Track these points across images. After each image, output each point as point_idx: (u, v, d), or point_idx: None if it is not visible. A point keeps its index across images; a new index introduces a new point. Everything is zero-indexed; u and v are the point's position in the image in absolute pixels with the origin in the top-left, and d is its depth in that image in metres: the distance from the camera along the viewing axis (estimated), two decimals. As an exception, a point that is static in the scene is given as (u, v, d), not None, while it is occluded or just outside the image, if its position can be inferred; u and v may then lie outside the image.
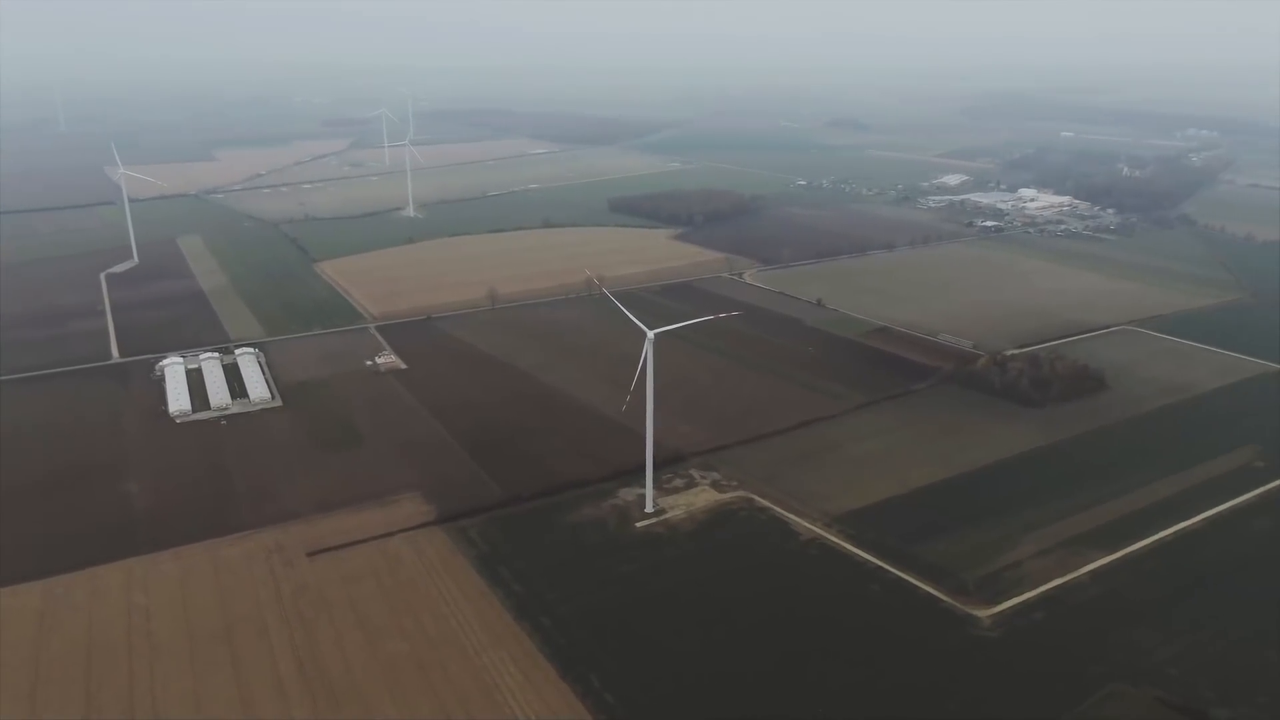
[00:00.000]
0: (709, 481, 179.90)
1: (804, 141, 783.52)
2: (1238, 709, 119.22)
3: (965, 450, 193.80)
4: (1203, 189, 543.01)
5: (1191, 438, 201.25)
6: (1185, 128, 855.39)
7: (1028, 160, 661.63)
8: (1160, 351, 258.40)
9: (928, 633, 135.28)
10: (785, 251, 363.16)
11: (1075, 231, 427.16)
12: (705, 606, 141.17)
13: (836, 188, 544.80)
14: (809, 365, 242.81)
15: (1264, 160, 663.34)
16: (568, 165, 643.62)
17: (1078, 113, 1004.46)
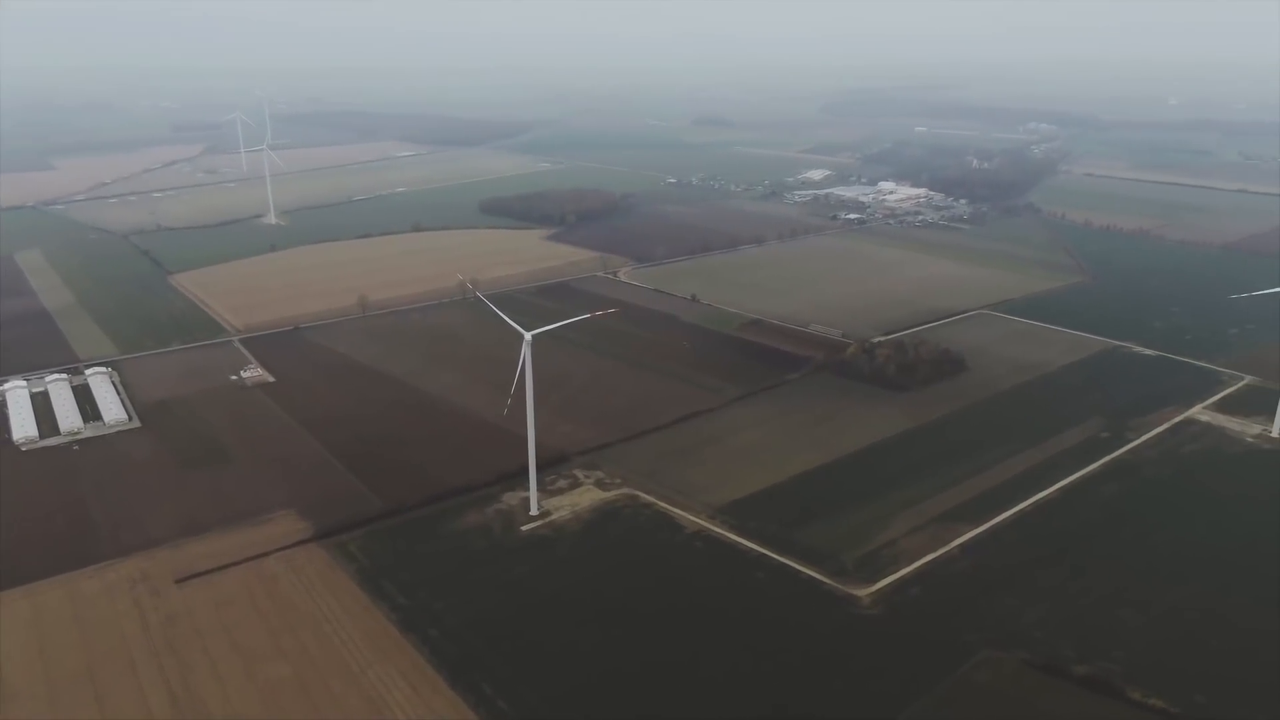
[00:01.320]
0: (593, 480, 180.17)
1: (672, 139, 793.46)
2: (1096, 664, 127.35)
3: (839, 436, 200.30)
4: (1044, 179, 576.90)
5: (1045, 413, 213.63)
6: (1026, 122, 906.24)
7: (885, 154, 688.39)
8: (1014, 333, 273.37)
9: (811, 615, 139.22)
10: (659, 249, 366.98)
11: (932, 222, 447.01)
12: (595, 605, 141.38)
13: (706, 184, 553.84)
14: (686, 360, 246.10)
15: (1096, 151, 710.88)
16: (436, 167, 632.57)
17: (929, 108, 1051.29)
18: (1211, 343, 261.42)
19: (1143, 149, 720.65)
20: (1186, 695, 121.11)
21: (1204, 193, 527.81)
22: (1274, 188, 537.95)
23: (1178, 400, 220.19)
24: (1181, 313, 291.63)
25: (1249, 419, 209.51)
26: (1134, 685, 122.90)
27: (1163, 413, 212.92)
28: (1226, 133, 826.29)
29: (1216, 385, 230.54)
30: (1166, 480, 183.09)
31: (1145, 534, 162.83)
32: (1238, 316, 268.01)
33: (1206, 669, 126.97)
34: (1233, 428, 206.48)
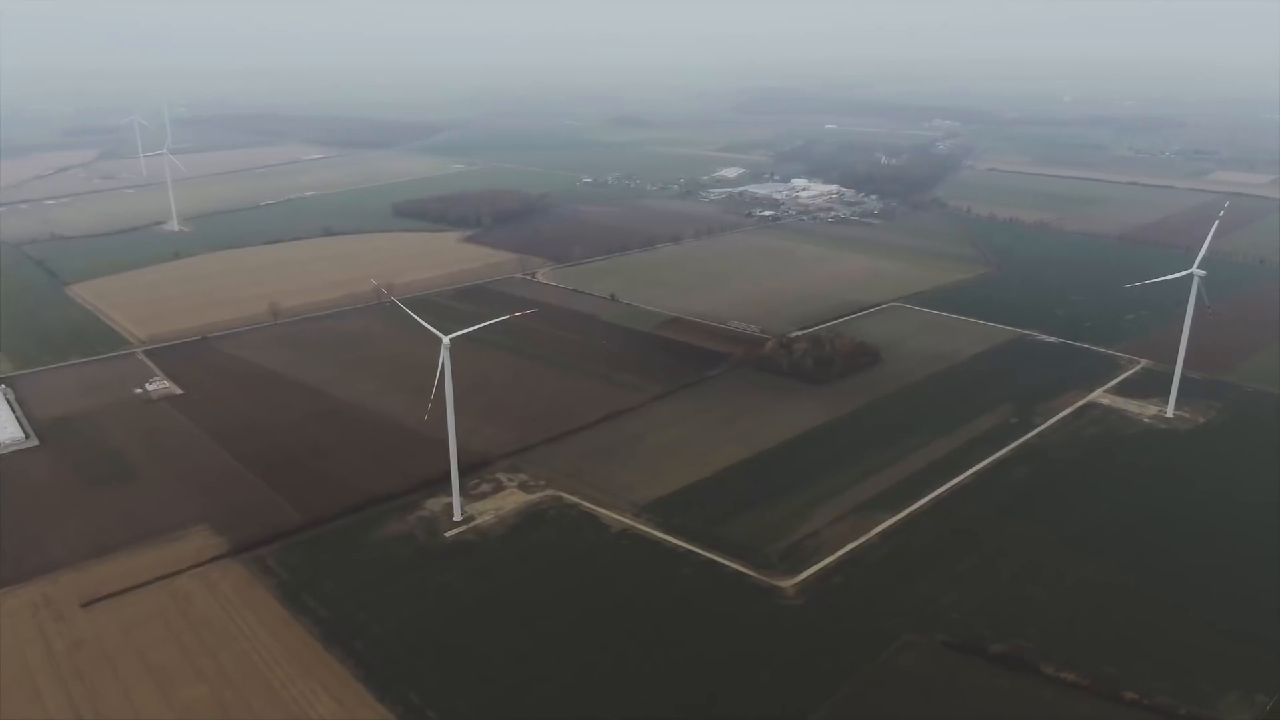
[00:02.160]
0: (516, 483, 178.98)
1: (586, 139, 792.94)
2: (1011, 642, 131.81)
3: (760, 430, 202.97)
4: (950, 174, 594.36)
5: (957, 401, 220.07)
6: (931, 119, 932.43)
7: (797, 152, 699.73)
8: (925, 324, 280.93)
9: (737, 608, 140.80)
10: (576, 249, 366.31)
11: (844, 217, 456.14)
12: (523, 609, 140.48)
13: (622, 184, 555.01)
14: (607, 359, 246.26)
15: (998, 147, 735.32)
16: (347, 170, 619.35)
17: (839, 106, 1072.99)
18: (1110, 329, 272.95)
19: (1041, 144, 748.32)
20: (1096, 667, 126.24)
21: (1099, 185, 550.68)
22: (1162, 180, 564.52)
23: (1080, 385, 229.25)
24: (1081, 301, 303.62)
25: (1146, 401, 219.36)
26: (1047, 660, 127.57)
27: (1066, 397, 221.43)
28: (1118, 128, 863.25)
29: (1115, 370, 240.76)
30: (1071, 462, 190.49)
31: (1053, 514, 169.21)
32: (1133, 303, 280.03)
33: (1114, 640, 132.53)
34: (1131, 410, 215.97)
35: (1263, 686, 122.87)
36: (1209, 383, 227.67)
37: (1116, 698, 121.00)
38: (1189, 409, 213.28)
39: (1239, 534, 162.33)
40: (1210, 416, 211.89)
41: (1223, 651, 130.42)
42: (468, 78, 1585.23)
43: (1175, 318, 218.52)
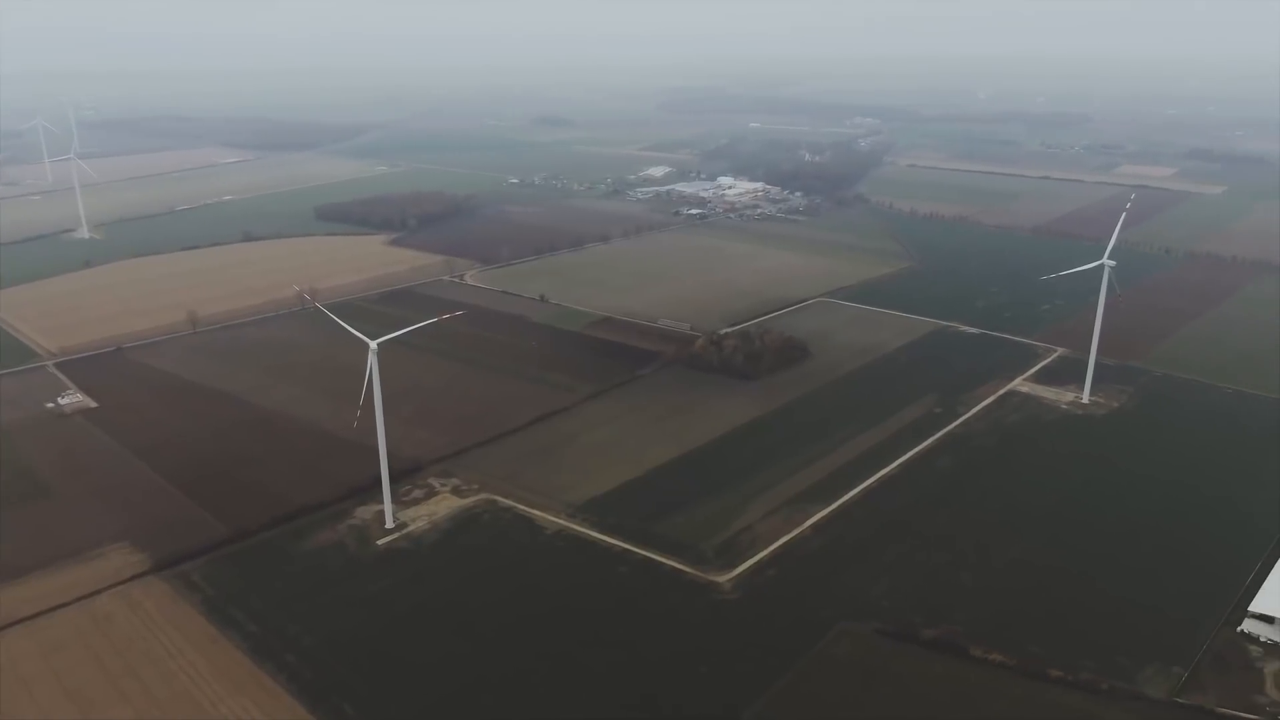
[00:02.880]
0: (449, 488, 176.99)
1: (512, 139, 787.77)
2: (942, 627, 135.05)
3: (693, 427, 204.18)
4: (872, 170, 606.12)
5: (884, 393, 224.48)
6: (852, 116, 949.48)
7: (723, 150, 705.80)
8: (851, 318, 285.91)
9: (675, 605, 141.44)
10: (504, 250, 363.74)
11: (770, 215, 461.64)
12: (458, 615, 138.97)
13: (549, 184, 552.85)
14: (539, 360, 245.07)
15: (917, 143, 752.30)
16: (266, 173, 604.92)
17: (762, 105, 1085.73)
18: (1027, 319, 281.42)
19: (958, 140, 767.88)
20: (1023, 647, 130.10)
21: (1013, 180, 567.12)
22: (1073, 174, 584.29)
23: (1001, 374, 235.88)
24: (1000, 292, 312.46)
25: (1063, 388, 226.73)
26: (976, 643, 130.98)
27: (988, 386, 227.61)
28: (1030, 124, 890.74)
29: (1033, 358, 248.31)
30: (995, 449, 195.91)
31: (979, 500, 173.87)
32: (1049, 294, 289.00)
33: (1039, 620, 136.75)
34: (1049, 396, 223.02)
35: (1178, 658, 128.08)
36: (1121, 368, 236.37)
37: (1043, 676, 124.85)
38: (1104, 394, 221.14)
39: (1154, 512, 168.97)
40: (1123, 401, 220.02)
41: (1141, 626, 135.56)
42: (385, 79, 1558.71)
43: (1089, 307, 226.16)
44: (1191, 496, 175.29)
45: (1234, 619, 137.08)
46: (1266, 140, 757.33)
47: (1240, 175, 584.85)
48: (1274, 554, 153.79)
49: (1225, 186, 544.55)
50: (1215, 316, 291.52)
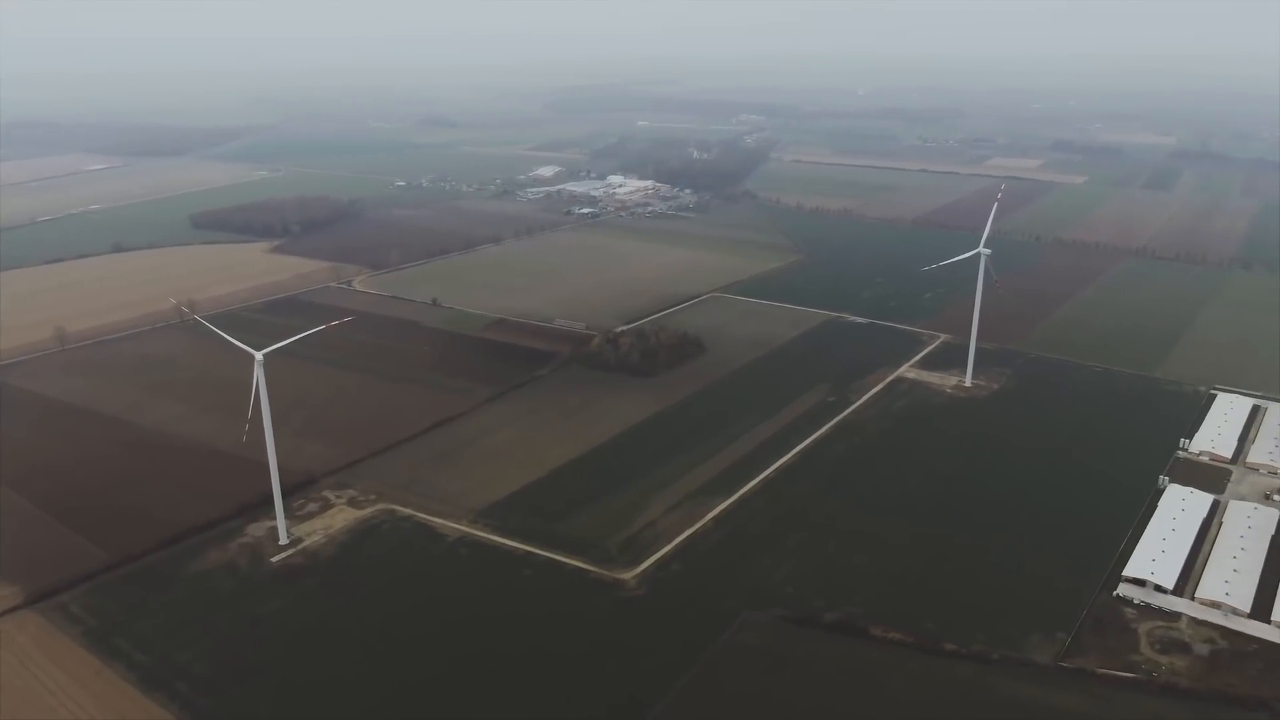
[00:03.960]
0: (345, 499, 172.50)
1: (397, 141, 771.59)
2: (843, 610, 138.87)
3: (592, 426, 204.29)
4: (759, 166, 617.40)
5: (779, 384, 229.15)
6: (738, 114, 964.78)
7: (612, 149, 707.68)
8: (744, 312, 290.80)
9: (581, 605, 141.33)
10: (393, 254, 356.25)
11: (661, 212, 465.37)
12: (360, 630, 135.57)
13: (437, 186, 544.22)
14: (434, 365, 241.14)
15: (801, 139, 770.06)
16: (136, 180, 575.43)
17: (650, 103, 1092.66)
18: (911, 308, 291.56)
19: (840, 135, 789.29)
20: (919, 624, 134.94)
21: (894, 174, 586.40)
22: (948, 167, 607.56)
23: (888, 362, 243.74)
24: (885, 283, 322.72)
25: (947, 373, 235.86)
26: (875, 623, 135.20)
27: (877, 374, 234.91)
28: (906, 119, 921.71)
29: (918, 345, 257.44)
30: (885, 434, 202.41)
31: (873, 485, 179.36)
32: (930, 283, 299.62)
33: (933, 597, 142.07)
34: (934, 381, 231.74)
35: (1062, 625, 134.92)
36: (1000, 352, 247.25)
37: (939, 650, 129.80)
38: (984, 377, 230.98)
39: (1035, 486, 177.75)
40: (1003, 383, 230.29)
41: (1026, 596, 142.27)
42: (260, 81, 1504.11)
43: (968, 294, 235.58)
44: (1069, 469, 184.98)
45: (1111, 584, 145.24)
46: (1122, 132, 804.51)
47: (1100, 166, 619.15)
48: (1144, 519, 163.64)
49: (1087, 176, 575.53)
50: (1082, 299, 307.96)
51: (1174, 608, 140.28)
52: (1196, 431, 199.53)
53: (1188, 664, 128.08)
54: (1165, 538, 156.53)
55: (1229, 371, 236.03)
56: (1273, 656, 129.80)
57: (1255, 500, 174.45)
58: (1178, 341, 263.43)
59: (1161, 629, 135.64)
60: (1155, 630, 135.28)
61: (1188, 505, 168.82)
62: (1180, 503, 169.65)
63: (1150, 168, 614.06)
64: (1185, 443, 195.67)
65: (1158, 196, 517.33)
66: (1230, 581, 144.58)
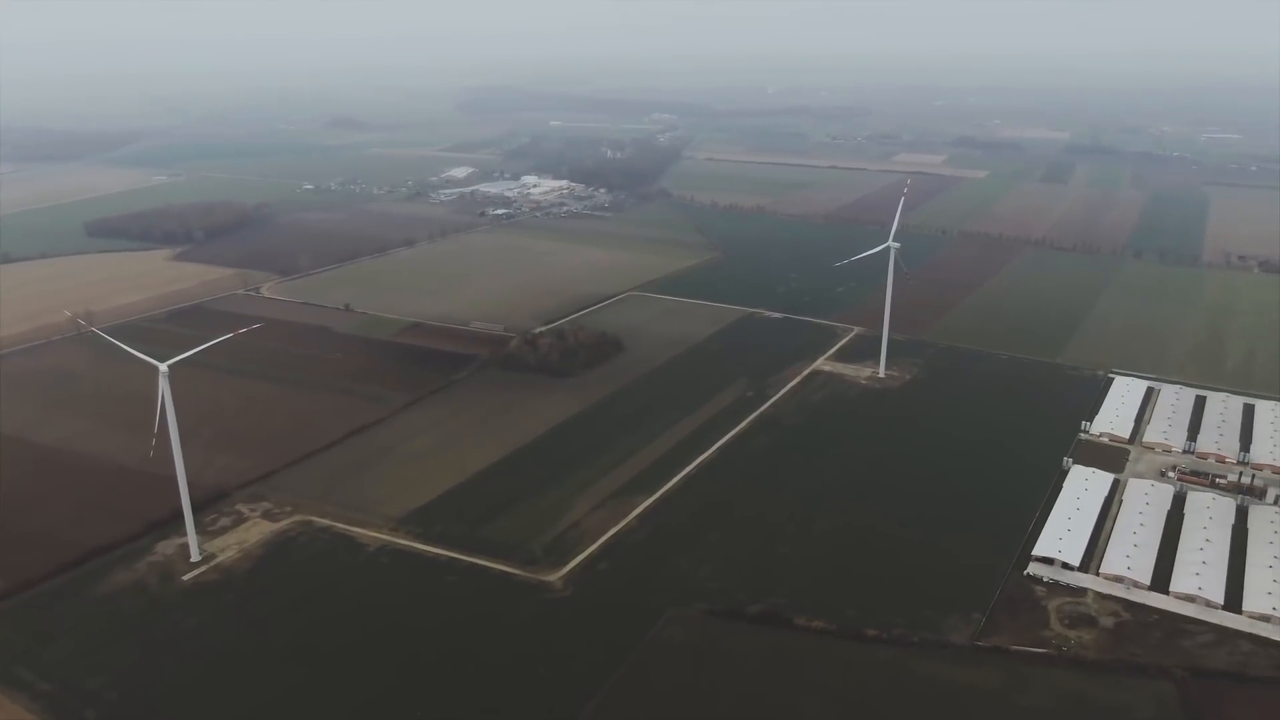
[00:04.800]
0: (260, 512, 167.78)
1: (303, 144, 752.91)
2: (767, 601, 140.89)
3: (514, 428, 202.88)
4: (672, 165, 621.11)
5: (698, 381, 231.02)
6: (650, 112, 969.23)
7: (525, 149, 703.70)
8: (662, 311, 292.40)
9: (507, 609, 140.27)
10: (303, 259, 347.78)
11: (576, 212, 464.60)
12: (281, 646, 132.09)
13: (346, 189, 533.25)
14: (349, 372, 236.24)
15: (714, 137, 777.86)
16: (23, 188, 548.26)
17: (562, 103, 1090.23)
18: (825, 302, 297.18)
19: (751, 133, 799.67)
20: (841, 611, 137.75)
21: (805, 170, 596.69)
22: (857, 163, 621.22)
23: (805, 355, 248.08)
24: (799, 278, 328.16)
25: (861, 364, 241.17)
26: (799, 613, 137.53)
27: (794, 368, 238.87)
28: (816, 117, 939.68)
29: (833, 339, 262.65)
30: (804, 427, 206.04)
31: (793, 476, 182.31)
32: (843, 277, 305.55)
33: (854, 584, 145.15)
34: (849, 373, 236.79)
35: (977, 605, 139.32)
36: (911, 343, 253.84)
37: (861, 636, 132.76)
38: (897, 368, 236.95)
39: (949, 471, 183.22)
40: (915, 373, 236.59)
41: (943, 579, 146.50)
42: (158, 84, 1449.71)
43: (879, 287, 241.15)
44: (980, 454, 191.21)
45: (1022, 563, 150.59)
46: (1019, 128, 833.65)
47: (999, 160, 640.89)
48: (1050, 500, 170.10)
49: (988, 171, 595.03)
50: (988, 289, 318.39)
51: (1080, 584, 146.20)
52: (1096, 414, 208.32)
53: (1094, 637, 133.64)
54: (1070, 517, 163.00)
55: (1125, 355, 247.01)
56: (1172, 626, 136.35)
57: (1152, 478, 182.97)
58: (1077, 328, 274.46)
59: (1070, 604, 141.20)
60: (1064, 606, 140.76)
61: (1090, 485, 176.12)
62: (1083, 483, 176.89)
63: (1046, 162, 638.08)
64: (1086, 425, 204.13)
65: (1054, 189, 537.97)
66: (1131, 556, 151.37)
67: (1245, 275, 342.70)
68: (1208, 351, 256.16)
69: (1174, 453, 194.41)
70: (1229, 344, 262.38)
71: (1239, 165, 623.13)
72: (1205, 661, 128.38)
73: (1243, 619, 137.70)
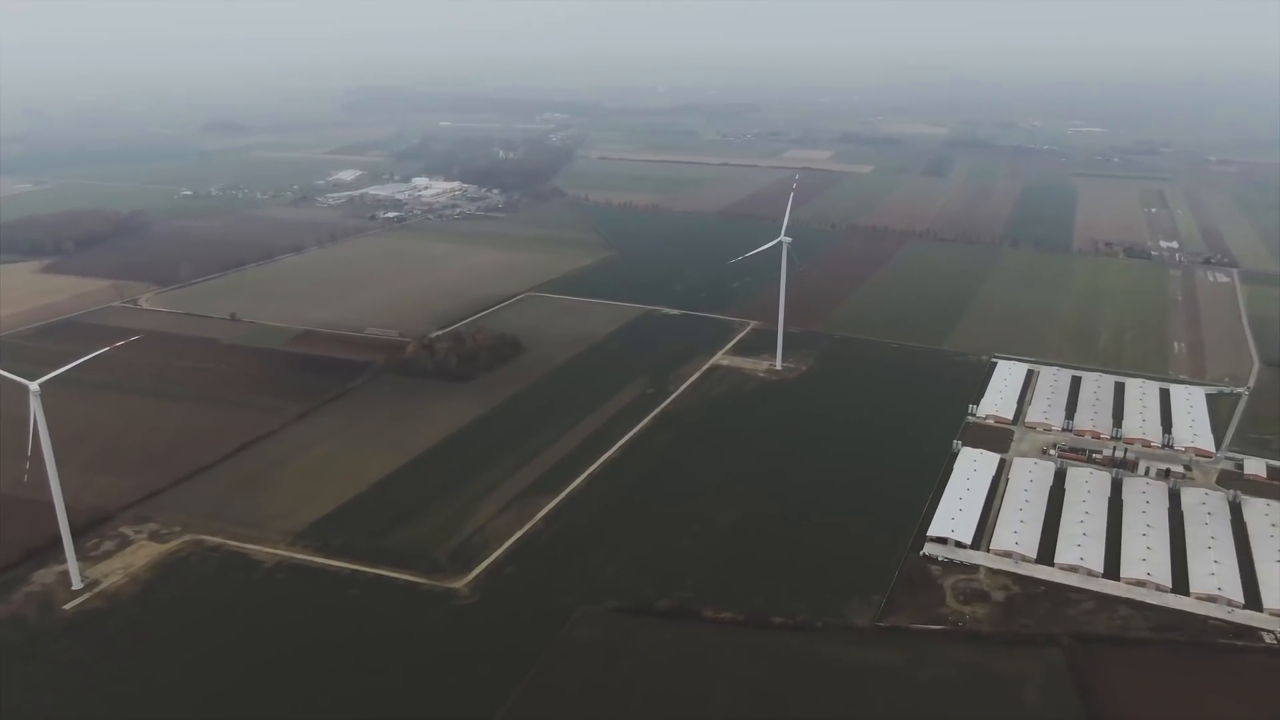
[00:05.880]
0: (146, 534, 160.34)
1: (179, 148, 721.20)
2: (675, 596, 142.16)
3: (414, 435, 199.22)
4: (565, 164, 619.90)
5: (598, 380, 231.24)
6: (542, 112, 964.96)
7: (415, 151, 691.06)
8: (560, 310, 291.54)
9: (413, 619, 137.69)
10: (184, 269, 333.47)
11: (470, 213, 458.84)
12: (175, 673, 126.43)
13: (228, 194, 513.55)
14: (238, 385, 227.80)
15: (606, 136, 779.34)
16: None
17: (451, 103, 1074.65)
18: (722, 298, 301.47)
19: (644, 132, 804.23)
20: (748, 601, 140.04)
21: (696, 168, 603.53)
22: (747, 160, 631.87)
23: (703, 351, 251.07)
24: (695, 274, 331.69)
25: (759, 358, 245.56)
26: (707, 605, 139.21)
27: (693, 364, 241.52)
28: (706, 115, 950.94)
29: (730, 333, 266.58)
30: (706, 421, 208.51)
31: (696, 470, 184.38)
32: (739, 272, 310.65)
33: (759, 574, 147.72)
34: (747, 367, 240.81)
35: (877, 587, 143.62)
36: (806, 335, 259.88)
37: (767, 624, 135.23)
38: (793, 359, 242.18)
39: (846, 458, 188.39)
40: (811, 364, 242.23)
41: (845, 563, 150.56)
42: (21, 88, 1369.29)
43: (774, 281, 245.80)
44: (875, 440, 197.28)
45: (918, 544, 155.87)
46: (901, 124, 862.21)
47: (884, 156, 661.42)
48: (943, 481, 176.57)
49: (873, 166, 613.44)
50: (877, 281, 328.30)
51: (973, 560, 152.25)
52: (982, 397, 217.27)
53: (987, 611, 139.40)
54: (961, 497, 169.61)
55: (1006, 340, 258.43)
56: (1059, 596, 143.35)
57: (1035, 456, 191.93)
58: (961, 316, 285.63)
59: (964, 581, 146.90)
60: (958, 583, 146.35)
61: (979, 465, 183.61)
62: (972, 463, 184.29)
63: (927, 156, 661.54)
64: (973, 408, 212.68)
65: (936, 183, 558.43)
66: (1019, 532, 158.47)
67: (1112, 261, 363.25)
68: (1081, 334, 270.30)
69: (1054, 431, 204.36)
70: (1100, 326, 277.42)
71: (1103, 157, 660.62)
72: (1089, 627, 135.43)
73: (1120, 585, 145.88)
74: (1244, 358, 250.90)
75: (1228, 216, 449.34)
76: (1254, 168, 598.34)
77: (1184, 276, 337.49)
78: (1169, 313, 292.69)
